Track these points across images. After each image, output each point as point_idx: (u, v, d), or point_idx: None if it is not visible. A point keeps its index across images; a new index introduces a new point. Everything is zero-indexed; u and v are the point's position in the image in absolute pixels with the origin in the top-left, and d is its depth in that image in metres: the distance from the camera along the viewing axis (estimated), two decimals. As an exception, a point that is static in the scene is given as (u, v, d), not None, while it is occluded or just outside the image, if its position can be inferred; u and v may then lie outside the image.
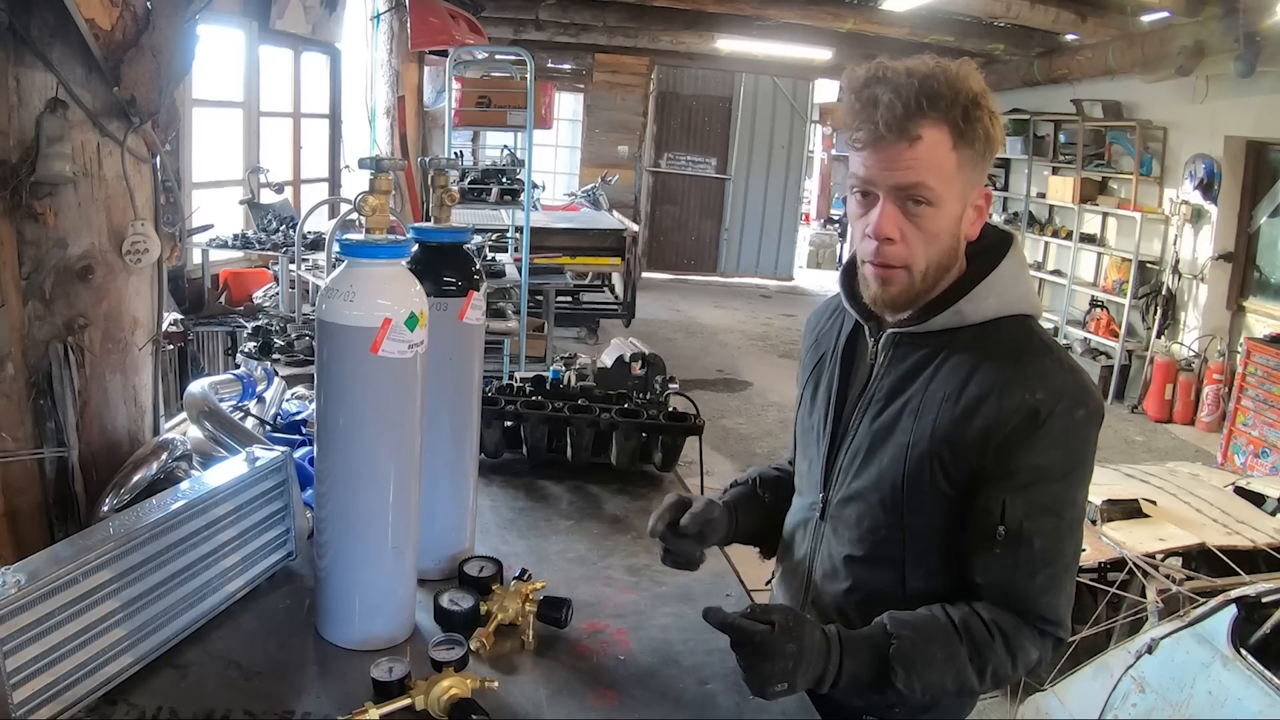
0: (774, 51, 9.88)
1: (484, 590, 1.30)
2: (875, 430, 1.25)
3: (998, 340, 1.19)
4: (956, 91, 1.12)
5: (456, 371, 1.39)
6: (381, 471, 1.21)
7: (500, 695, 1.13)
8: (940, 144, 1.13)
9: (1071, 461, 1.16)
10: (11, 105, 1.57)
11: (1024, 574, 1.16)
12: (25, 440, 1.68)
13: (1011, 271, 1.23)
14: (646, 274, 11.55)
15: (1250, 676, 2.21)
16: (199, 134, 5.15)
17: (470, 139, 9.21)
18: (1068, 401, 1.14)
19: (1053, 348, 1.21)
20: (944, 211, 1.16)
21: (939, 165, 1.14)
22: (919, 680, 1.12)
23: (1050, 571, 1.17)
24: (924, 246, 1.17)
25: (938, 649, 1.14)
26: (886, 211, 1.16)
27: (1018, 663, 1.16)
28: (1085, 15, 6.56)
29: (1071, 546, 1.19)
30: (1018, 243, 1.27)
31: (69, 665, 1.04)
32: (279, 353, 3.48)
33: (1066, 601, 1.19)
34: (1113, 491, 3.39)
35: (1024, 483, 1.14)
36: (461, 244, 1.40)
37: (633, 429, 1.87)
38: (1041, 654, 1.18)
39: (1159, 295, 7.51)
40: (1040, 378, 1.15)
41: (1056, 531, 1.16)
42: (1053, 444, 1.14)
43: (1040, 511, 1.15)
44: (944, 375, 1.20)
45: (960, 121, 1.13)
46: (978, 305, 1.20)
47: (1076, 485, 1.18)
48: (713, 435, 5.87)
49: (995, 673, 1.15)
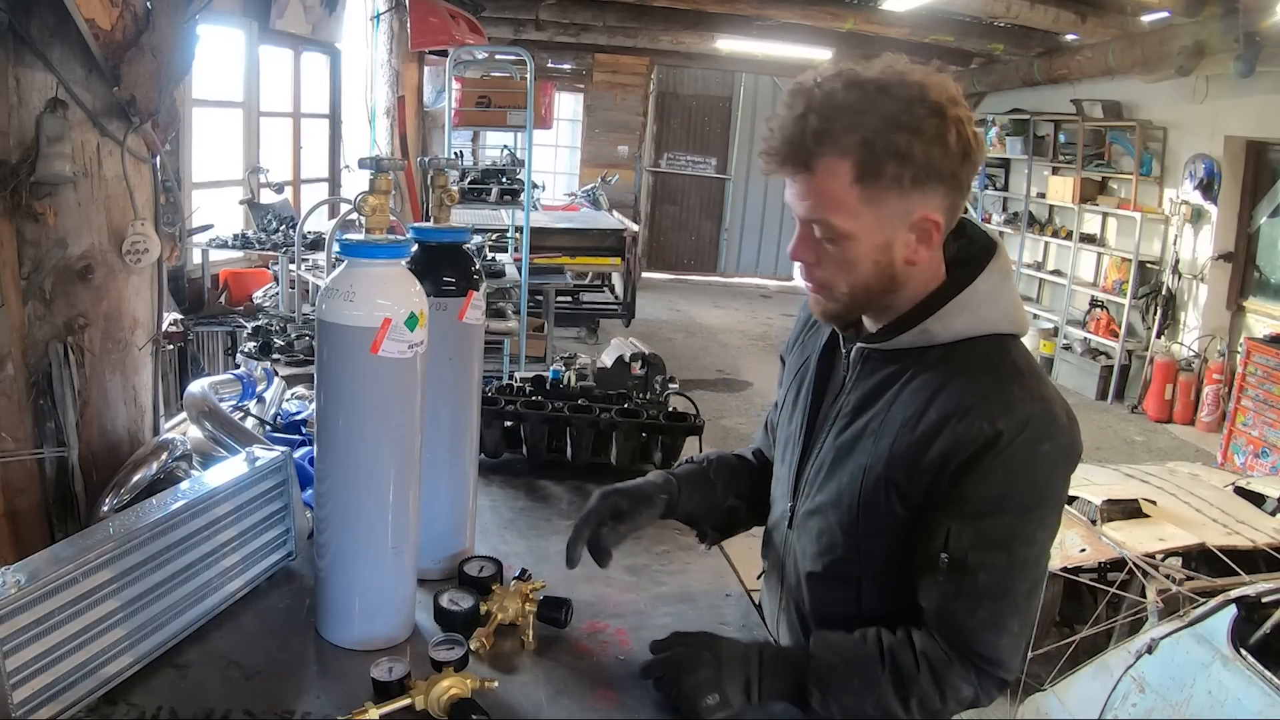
0: (774, 51, 9.88)
1: (484, 590, 1.30)
2: (839, 446, 1.20)
3: (967, 362, 1.11)
4: (858, 122, 1.04)
5: (456, 371, 1.39)
6: (381, 471, 1.21)
7: (500, 695, 1.13)
8: (838, 177, 1.06)
9: (1031, 498, 1.08)
10: (11, 105, 1.57)
11: (965, 607, 1.09)
12: (25, 440, 1.68)
13: (989, 288, 1.14)
14: (646, 274, 11.56)
15: (1250, 676, 2.21)
16: (199, 134, 5.15)
17: (470, 139, 9.22)
18: (1032, 432, 1.06)
19: (1025, 373, 1.12)
20: (857, 244, 1.09)
21: (837, 200, 1.07)
22: (835, 703, 1.11)
23: (995, 609, 1.09)
24: (840, 273, 1.12)
25: (856, 676, 1.11)
26: (800, 236, 1.13)
27: (947, 698, 1.10)
28: (1085, 15, 6.56)
29: (1024, 585, 1.11)
30: (1000, 254, 1.18)
31: (69, 665, 1.04)
32: (279, 353, 3.48)
33: (1011, 642, 1.11)
34: (1113, 491, 3.39)
35: (975, 513, 1.08)
36: (461, 244, 1.40)
37: (633, 429, 1.87)
38: (978, 692, 1.11)
39: (1159, 295, 7.51)
40: (1005, 405, 1.07)
41: (1007, 569, 1.09)
42: (1010, 476, 1.06)
43: (990, 545, 1.08)
44: (906, 397, 1.13)
45: (863, 154, 1.04)
46: (947, 324, 1.13)
47: (1036, 524, 1.10)
48: (713, 435, 5.86)
49: (922, 704, 1.10)
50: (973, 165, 1.09)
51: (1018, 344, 1.17)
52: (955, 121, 1.06)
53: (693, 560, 1.55)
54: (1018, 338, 1.17)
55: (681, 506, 1.37)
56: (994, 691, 1.13)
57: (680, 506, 1.37)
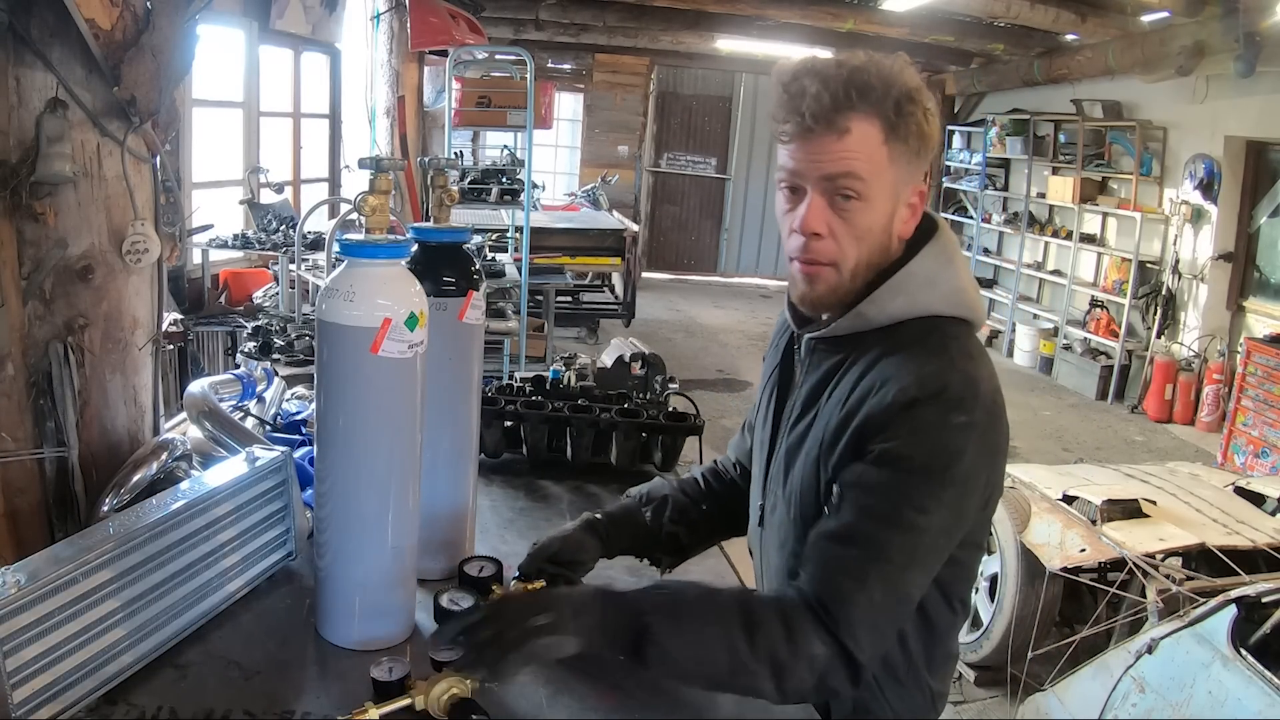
0: (774, 51, 9.86)
1: (484, 590, 1.30)
2: (791, 442, 1.20)
3: (897, 342, 1.11)
4: (889, 85, 1.08)
5: (456, 371, 1.39)
6: (381, 471, 1.21)
7: (500, 695, 1.13)
8: (870, 137, 1.09)
9: (932, 463, 1.04)
10: (11, 105, 1.57)
11: (833, 548, 1.04)
12: (25, 440, 1.68)
13: (926, 269, 1.14)
14: (646, 274, 11.56)
15: (1250, 676, 2.21)
16: (199, 134, 5.15)
17: (470, 139, 9.22)
18: (946, 400, 1.05)
19: (951, 346, 1.10)
20: (874, 207, 1.11)
21: (869, 158, 1.09)
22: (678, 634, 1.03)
23: (861, 560, 1.03)
24: (853, 243, 1.12)
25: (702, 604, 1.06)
26: (814, 205, 1.11)
27: (795, 644, 1.01)
28: (1085, 15, 6.56)
29: (900, 552, 1.03)
30: (940, 235, 1.17)
31: (69, 665, 1.04)
32: (279, 353, 3.48)
33: (867, 610, 1.02)
34: (1113, 491, 3.39)
35: (872, 459, 1.05)
36: (461, 244, 1.40)
37: (633, 429, 1.87)
38: (829, 655, 1.01)
39: (1159, 295, 7.50)
40: (921, 374, 1.06)
41: (886, 521, 1.03)
42: (915, 435, 1.04)
43: (875, 491, 1.04)
44: (845, 383, 1.13)
45: (892, 115, 1.08)
46: (881, 307, 1.13)
47: (931, 493, 1.04)
48: (713, 435, 5.83)
49: (771, 654, 1.01)
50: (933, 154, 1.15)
51: (960, 327, 1.14)
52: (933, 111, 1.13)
53: (693, 560, 1.55)
54: (965, 323, 1.15)
55: (615, 548, 1.35)
56: (840, 669, 1.02)
57: (613, 548, 1.35)
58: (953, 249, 1.18)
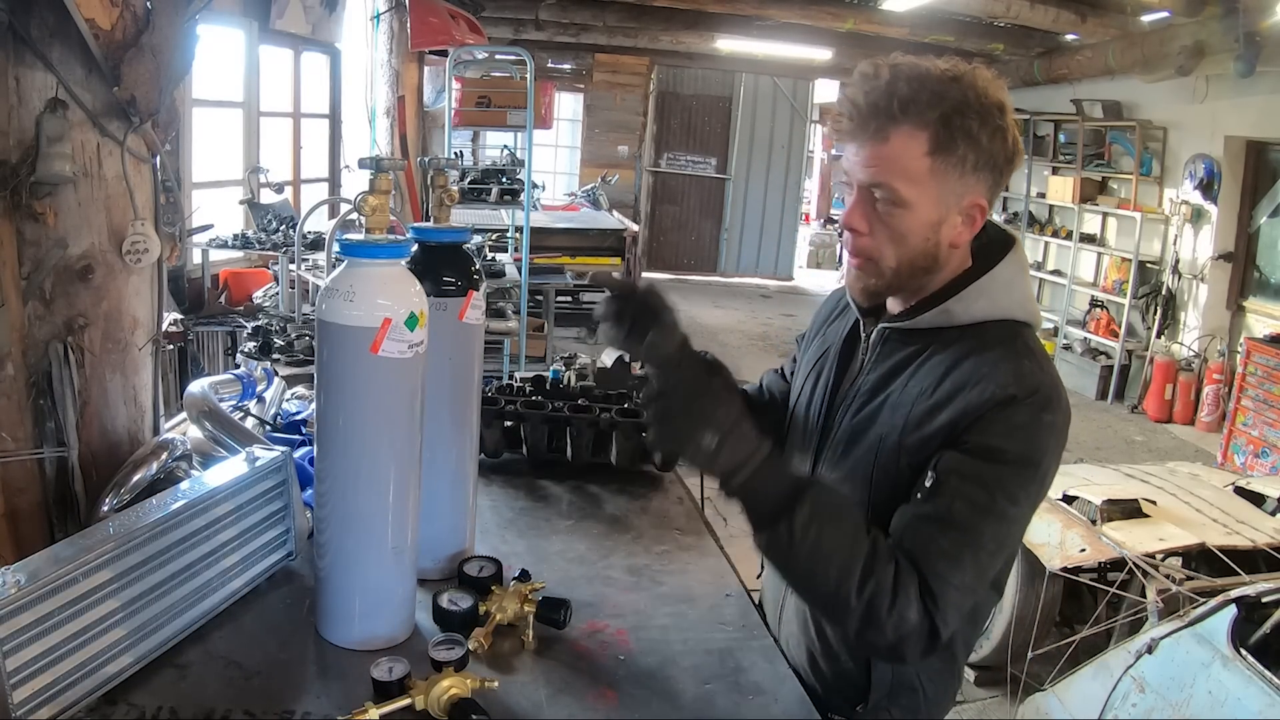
0: (774, 51, 9.88)
1: (484, 590, 1.30)
2: (855, 425, 1.24)
3: (982, 341, 1.17)
4: (940, 98, 1.11)
5: (456, 371, 1.39)
6: (381, 471, 1.21)
7: (500, 695, 1.13)
8: (912, 148, 1.12)
9: (1026, 457, 1.11)
10: (11, 105, 1.57)
11: (931, 531, 1.09)
12: (25, 440, 1.68)
13: (1007, 276, 1.21)
14: (646, 274, 11.55)
15: (1250, 676, 2.21)
16: (199, 134, 5.15)
17: (470, 139, 9.21)
18: (1039, 399, 1.12)
19: (1037, 353, 1.19)
20: (914, 214, 1.15)
21: (906, 169, 1.13)
22: (816, 530, 1.06)
23: (958, 544, 1.08)
24: (891, 244, 1.17)
25: (849, 521, 1.09)
26: (855, 203, 1.17)
27: (895, 605, 1.05)
28: (1085, 15, 6.56)
29: (991, 539, 1.10)
30: (1018, 247, 1.25)
31: (69, 665, 1.04)
32: (279, 353, 3.48)
33: (959, 591, 1.08)
34: (1113, 491, 3.39)
35: (969, 450, 1.11)
36: (461, 244, 1.40)
37: (633, 429, 1.87)
38: (918, 627, 1.06)
39: (1159, 295, 7.51)
40: (1016, 374, 1.13)
41: (983, 510, 1.09)
42: (1011, 431, 1.10)
43: (974, 480, 1.09)
44: (924, 373, 1.19)
45: (940, 128, 1.11)
46: (967, 306, 1.19)
47: (1022, 484, 1.12)
48: (713, 435, 5.81)
49: (873, 598, 1.05)
50: (1014, 165, 1.18)
51: (1030, 331, 1.22)
52: (1012, 121, 1.16)
53: (693, 560, 1.56)
54: (1031, 327, 1.23)
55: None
56: (925, 639, 1.07)
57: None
58: (1025, 261, 1.27)
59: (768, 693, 1.21)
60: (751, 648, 1.31)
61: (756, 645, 1.32)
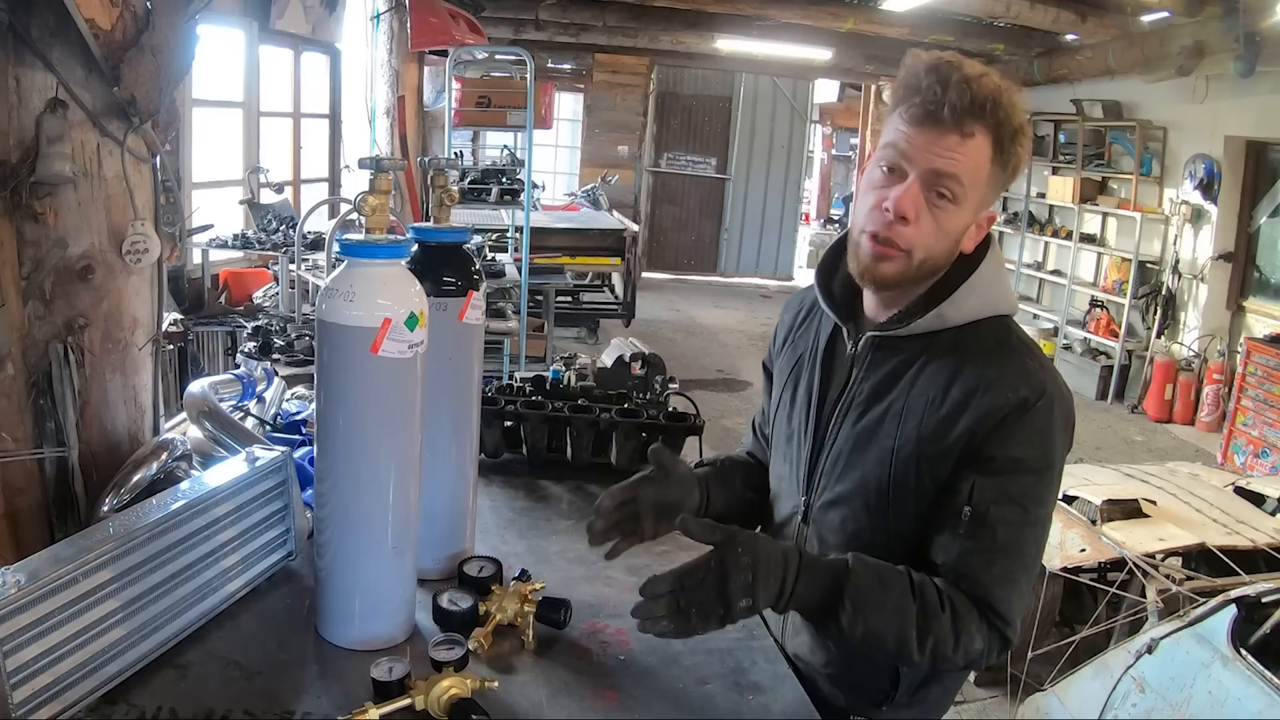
0: (774, 51, 9.87)
1: (483, 590, 1.30)
2: (858, 434, 1.24)
3: (977, 341, 1.20)
4: (1011, 113, 1.15)
5: (456, 371, 1.39)
6: (381, 471, 1.21)
7: (500, 695, 1.13)
8: (983, 150, 1.15)
9: (1045, 459, 1.16)
10: (11, 105, 1.57)
11: (982, 560, 1.14)
12: (25, 440, 1.68)
13: (990, 272, 1.24)
14: (646, 274, 11.55)
15: (1250, 676, 2.21)
16: (199, 134, 5.15)
17: (470, 139, 9.22)
18: (1048, 398, 1.16)
19: (1031, 346, 1.23)
20: (960, 214, 1.18)
21: (975, 168, 1.15)
22: (863, 623, 1.11)
23: (1008, 565, 1.15)
24: (932, 239, 1.18)
25: (891, 599, 1.12)
26: (912, 190, 1.16)
27: (960, 645, 1.13)
28: (1085, 15, 6.56)
29: (1032, 547, 1.18)
30: (995, 242, 1.28)
31: (69, 665, 1.04)
32: (279, 353, 3.48)
33: (1019, 601, 1.16)
34: (1113, 491, 3.39)
35: (997, 470, 1.14)
36: (461, 244, 1.40)
37: (633, 429, 1.86)
38: (986, 647, 1.14)
39: (1159, 295, 7.50)
40: (1022, 376, 1.16)
41: (1021, 526, 1.15)
42: (1029, 438, 1.15)
43: (1008, 501, 1.14)
44: (926, 378, 1.20)
45: (1006, 140, 1.16)
46: (959, 308, 1.21)
47: (1046, 486, 1.18)
48: (713, 435, 5.82)
49: (935, 648, 1.12)
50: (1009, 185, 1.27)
51: (1014, 322, 1.26)
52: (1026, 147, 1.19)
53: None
54: (1010, 315, 1.27)
55: (712, 504, 1.41)
56: (997, 651, 1.16)
57: (711, 504, 1.41)
58: (1002, 255, 1.32)
59: (768, 693, 1.21)
60: (751, 648, 1.31)
61: (756, 645, 1.32)
